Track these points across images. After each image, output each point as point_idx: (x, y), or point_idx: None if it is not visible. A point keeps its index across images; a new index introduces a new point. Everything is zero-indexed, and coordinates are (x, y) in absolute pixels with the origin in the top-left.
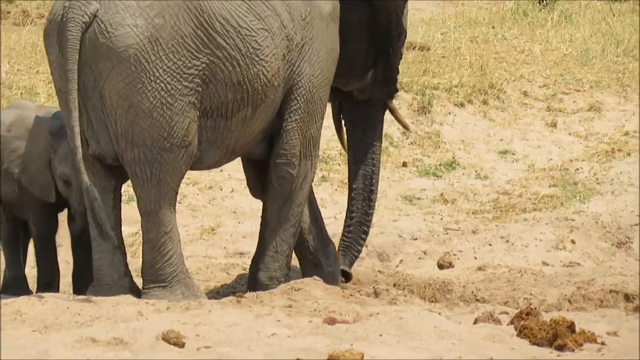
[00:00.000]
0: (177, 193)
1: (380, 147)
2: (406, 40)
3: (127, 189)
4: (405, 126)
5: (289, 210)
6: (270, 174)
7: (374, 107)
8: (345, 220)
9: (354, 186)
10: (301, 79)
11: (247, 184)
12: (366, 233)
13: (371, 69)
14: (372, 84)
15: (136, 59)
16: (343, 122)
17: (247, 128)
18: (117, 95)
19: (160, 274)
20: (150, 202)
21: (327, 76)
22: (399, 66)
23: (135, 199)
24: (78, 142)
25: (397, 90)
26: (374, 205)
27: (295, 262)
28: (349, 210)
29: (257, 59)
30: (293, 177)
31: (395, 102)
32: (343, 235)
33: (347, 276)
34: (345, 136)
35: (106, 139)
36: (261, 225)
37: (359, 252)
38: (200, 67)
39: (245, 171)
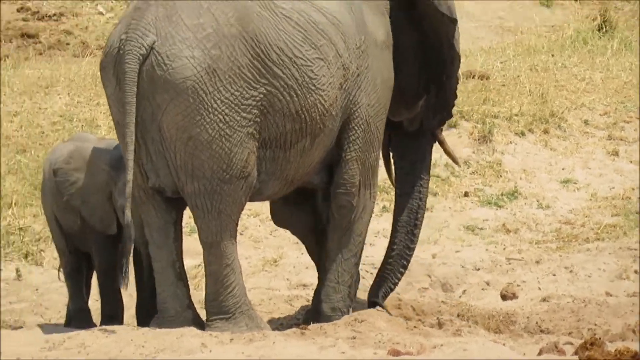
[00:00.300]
0: (237, 224)
1: (428, 180)
2: (466, 69)
3: (188, 220)
4: (454, 160)
5: (349, 240)
6: (331, 204)
7: (423, 139)
8: (387, 252)
9: (398, 218)
10: (358, 109)
11: (270, 212)
12: (405, 267)
13: (422, 96)
14: (424, 112)
15: (194, 91)
16: (391, 154)
17: (306, 158)
18: (175, 127)
19: (223, 306)
20: (212, 234)
21: (384, 105)
22: (456, 90)
23: (197, 231)
24: (130, 176)
25: (451, 116)
26: (417, 240)
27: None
28: (391, 242)
29: (313, 88)
30: (353, 206)
31: (455, 131)
32: (382, 266)
33: (374, 306)
34: (393, 168)
35: (165, 172)
36: (323, 256)
37: (395, 284)
38: (258, 98)
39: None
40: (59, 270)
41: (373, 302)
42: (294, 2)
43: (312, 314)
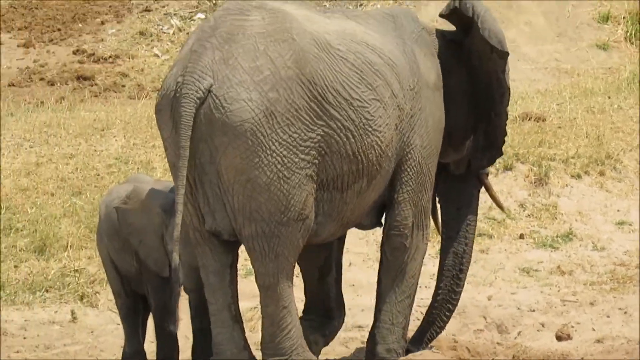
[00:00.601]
0: (294, 267)
1: (475, 225)
2: (523, 112)
3: (244, 263)
4: (499, 205)
5: (403, 281)
6: (384, 246)
7: (470, 183)
8: (433, 296)
9: (444, 263)
10: (411, 150)
11: None
12: (451, 311)
13: (470, 137)
14: (472, 152)
15: (252, 133)
16: (437, 197)
17: (362, 200)
18: (234, 169)
19: (279, 348)
20: (269, 276)
21: (436, 146)
22: (506, 126)
23: (253, 273)
24: (179, 220)
25: (501, 154)
26: (463, 284)
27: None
28: (437, 287)
29: (370, 129)
30: (406, 248)
31: (511, 174)
32: (428, 310)
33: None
34: (439, 213)
35: (222, 215)
36: (376, 298)
37: (442, 328)
38: (315, 140)
39: None
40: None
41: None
42: (350, 43)
43: (368, 355)
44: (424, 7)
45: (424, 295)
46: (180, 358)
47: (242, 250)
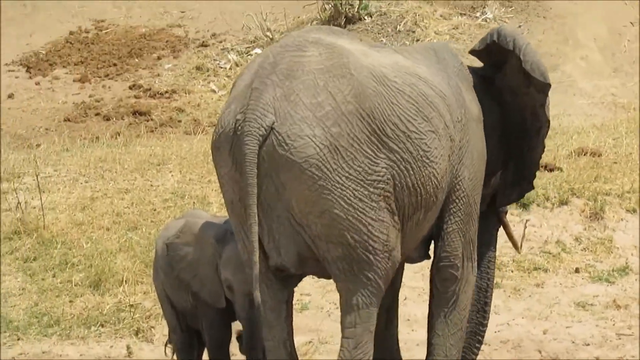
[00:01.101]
0: (381, 296)
1: (495, 260)
2: (578, 147)
3: (300, 297)
4: (515, 245)
5: (454, 314)
6: (434, 279)
7: (490, 221)
8: None
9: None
10: (460, 181)
11: None
12: (480, 342)
13: (497, 173)
14: (500, 188)
15: (318, 168)
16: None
17: (418, 232)
18: (305, 201)
19: None
20: (362, 296)
21: (480, 178)
22: (539, 160)
23: (339, 294)
24: (256, 258)
25: (532, 188)
26: (488, 317)
27: None
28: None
29: (427, 161)
30: (457, 279)
31: (567, 208)
32: None
33: None
34: None
35: (288, 249)
36: (428, 331)
37: None
38: (381, 173)
39: None
40: (165, 346)
41: None
42: (404, 75)
43: None
44: None
45: None
46: None
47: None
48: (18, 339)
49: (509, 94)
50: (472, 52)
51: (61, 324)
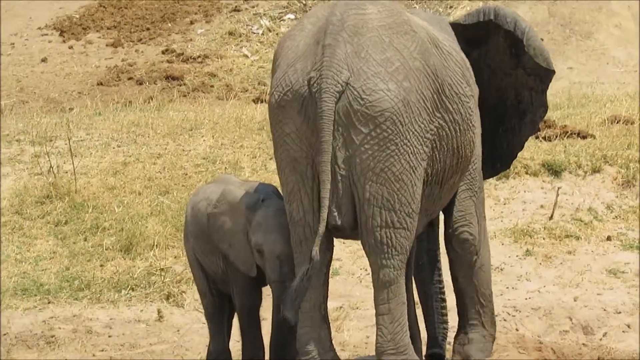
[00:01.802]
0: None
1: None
2: (611, 114)
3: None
4: None
5: (480, 273)
6: (452, 244)
7: None
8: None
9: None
10: (476, 147)
11: None
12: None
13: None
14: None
15: (392, 122)
16: None
17: (449, 195)
18: (370, 158)
19: (400, 345)
20: (393, 270)
21: (481, 147)
22: (522, 144)
23: (375, 268)
24: (325, 215)
25: (506, 169)
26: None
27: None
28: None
29: (470, 125)
30: (475, 238)
31: (599, 176)
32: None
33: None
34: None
35: (348, 208)
36: (457, 296)
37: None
38: (433, 132)
39: None
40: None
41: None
42: (446, 39)
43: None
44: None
45: (510, 297)
46: (266, 357)
47: None
48: (49, 303)
49: (488, 72)
50: (453, 24)
51: (92, 288)
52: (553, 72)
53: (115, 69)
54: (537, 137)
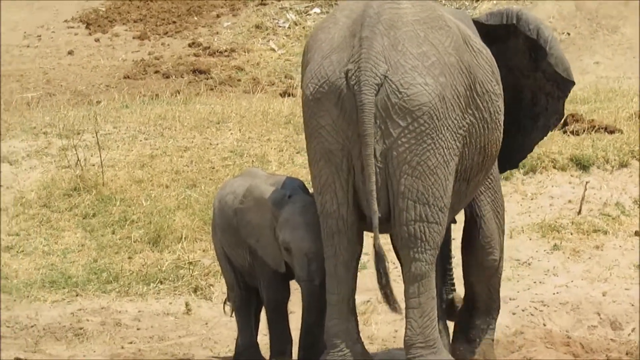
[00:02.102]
0: None
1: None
2: (638, 109)
3: None
4: None
5: (495, 279)
6: (470, 244)
7: None
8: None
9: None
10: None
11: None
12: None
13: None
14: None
15: (429, 116)
16: None
17: (473, 194)
18: (406, 151)
19: (429, 339)
20: (425, 264)
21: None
22: (532, 146)
23: (407, 263)
24: (375, 207)
25: (513, 168)
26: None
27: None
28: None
29: (498, 124)
30: (494, 240)
31: (626, 170)
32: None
33: None
34: None
35: (382, 201)
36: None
37: None
38: (465, 128)
39: None
40: (224, 304)
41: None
42: (476, 37)
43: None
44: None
45: (538, 291)
46: (293, 350)
47: None
48: (77, 295)
49: (505, 71)
50: (475, 21)
51: (120, 281)
52: (573, 83)
53: (142, 62)
54: (564, 132)
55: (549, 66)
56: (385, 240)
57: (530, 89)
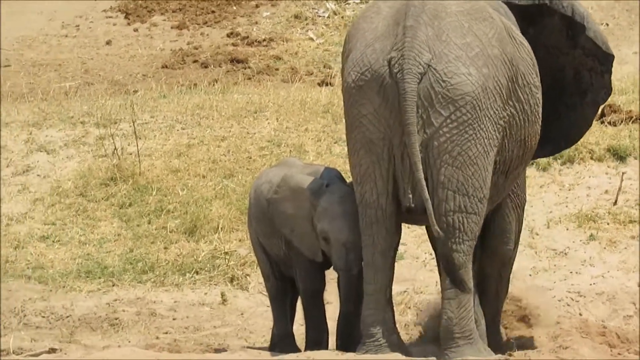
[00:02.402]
0: None
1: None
2: None
3: None
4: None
5: (506, 269)
6: (489, 235)
7: None
8: None
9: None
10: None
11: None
12: None
13: None
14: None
15: (472, 106)
16: None
17: (510, 187)
18: (447, 141)
19: (465, 330)
20: (463, 255)
21: None
22: (584, 124)
23: (444, 254)
24: (426, 194)
25: (568, 147)
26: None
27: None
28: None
29: (537, 116)
30: (511, 231)
31: None
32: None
33: None
34: None
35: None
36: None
37: None
38: (505, 119)
39: None
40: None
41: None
42: (517, 30)
43: None
44: None
45: (574, 281)
46: (329, 340)
47: None
48: (112, 285)
49: (543, 51)
50: (507, 2)
51: (156, 271)
52: (612, 56)
53: (180, 52)
54: (602, 122)
55: (587, 41)
56: (422, 231)
57: (571, 66)
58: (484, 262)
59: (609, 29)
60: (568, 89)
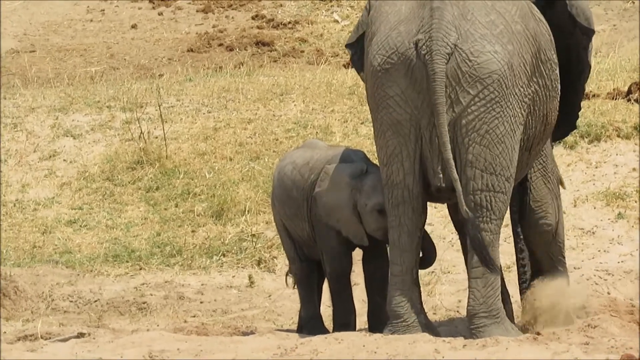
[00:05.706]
0: None
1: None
2: None
3: None
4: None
5: (556, 247)
6: (529, 224)
7: None
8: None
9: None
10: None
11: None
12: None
13: None
14: None
15: (499, 84)
16: None
17: (532, 163)
18: (475, 119)
19: (493, 309)
20: (490, 234)
21: None
22: (580, 104)
23: (473, 232)
24: (455, 174)
25: (575, 128)
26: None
27: None
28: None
29: (557, 92)
30: (552, 216)
31: None
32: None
33: None
34: None
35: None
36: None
37: None
38: (530, 96)
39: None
40: (286, 277)
41: None
42: (535, 7)
43: None
44: None
45: (602, 260)
46: (357, 322)
47: None
48: (140, 269)
49: (556, 32)
50: None
51: (183, 254)
52: (592, 31)
53: (206, 35)
54: (629, 100)
55: (569, 17)
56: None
57: (574, 48)
58: (529, 241)
59: (635, 6)
60: (572, 73)
